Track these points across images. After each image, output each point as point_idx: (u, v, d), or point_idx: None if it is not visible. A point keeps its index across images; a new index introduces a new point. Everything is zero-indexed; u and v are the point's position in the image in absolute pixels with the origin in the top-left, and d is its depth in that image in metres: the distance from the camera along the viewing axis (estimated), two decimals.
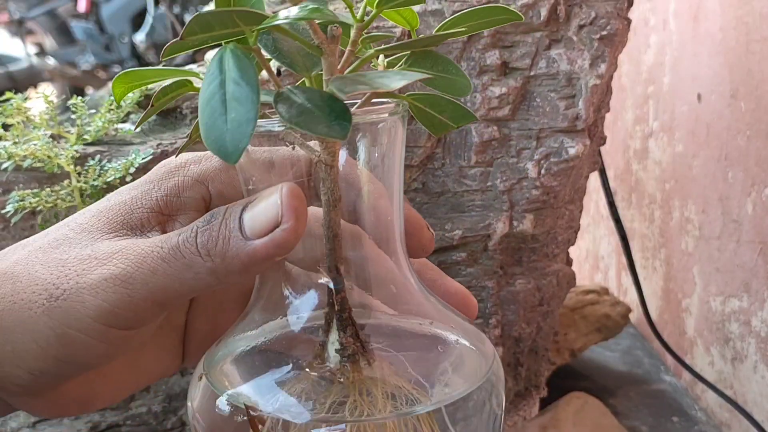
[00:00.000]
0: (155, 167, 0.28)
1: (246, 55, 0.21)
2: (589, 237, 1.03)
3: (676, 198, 0.72)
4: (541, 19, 0.45)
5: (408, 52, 0.25)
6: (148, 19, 2.48)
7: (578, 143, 0.47)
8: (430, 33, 0.45)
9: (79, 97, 0.47)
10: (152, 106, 0.25)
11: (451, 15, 0.44)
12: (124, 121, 0.49)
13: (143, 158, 0.43)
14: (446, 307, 0.28)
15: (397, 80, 0.22)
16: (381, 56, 0.27)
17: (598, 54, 0.46)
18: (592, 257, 1.02)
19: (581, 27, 0.46)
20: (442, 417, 0.24)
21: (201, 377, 0.26)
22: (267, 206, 0.24)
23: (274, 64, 0.26)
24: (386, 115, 0.25)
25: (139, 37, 2.49)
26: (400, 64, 0.27)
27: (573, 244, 0.55)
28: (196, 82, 0.25)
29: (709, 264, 0.64)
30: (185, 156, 0.28)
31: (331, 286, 0.25)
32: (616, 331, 0.72)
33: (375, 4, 0.23)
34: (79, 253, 0.25)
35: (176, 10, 2.24)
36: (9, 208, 0.42)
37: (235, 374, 0.26)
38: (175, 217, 0.27)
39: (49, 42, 2.83)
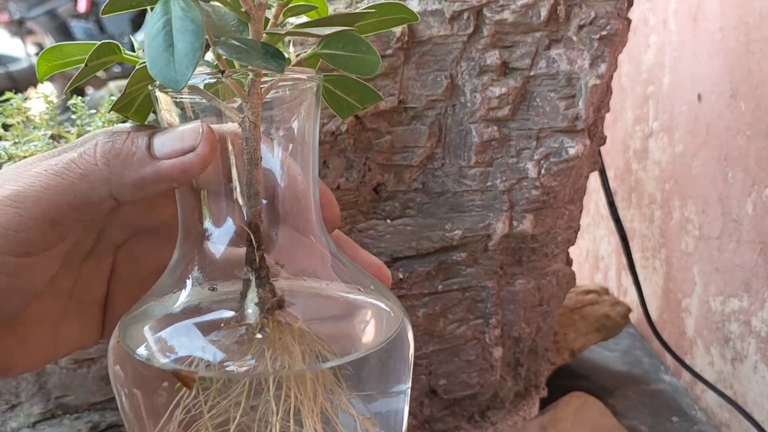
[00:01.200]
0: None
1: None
2: (589, 237, 1.03)
3: (676, 198, 0.72)
4: (541, 19, 0.45)
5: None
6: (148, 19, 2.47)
7: (578, 143, 0.47)
8: (430, 33, 0.45)
9: (79, 97, 0.47)
10: (86, 66, 0.26)
11: (451, 15, 0.45)
12: (124, 121, 0.49)
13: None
14: (362, 274, 0.29)
15: (322, 30, 0.24)
16: (293, 52, 0.28)
17: (598, 54, 0.46)
18: (592, 257, 1.02)
19: (581, 27, 0.46)
20: (350, 371, 0.26)
21: (118, 341, 0.27)
22: (184, 132, 0.25)
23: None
24: (305, 77, 0.27)
25: (140, 37, 2.48)
26: (313, 44, 0.28)
27: (573, 244, 0.55)
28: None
29: (709, 264, 0.64)
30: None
31: (253, 242, 0.26)
32: (616, 331, 0.72)
33: None
34: None
35: None
36: None
37: (153, 335, 0.26)
38: None
39: (49, 42, 2.83)
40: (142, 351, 0.26)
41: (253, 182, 0.26)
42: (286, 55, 0.25)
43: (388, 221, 0.48)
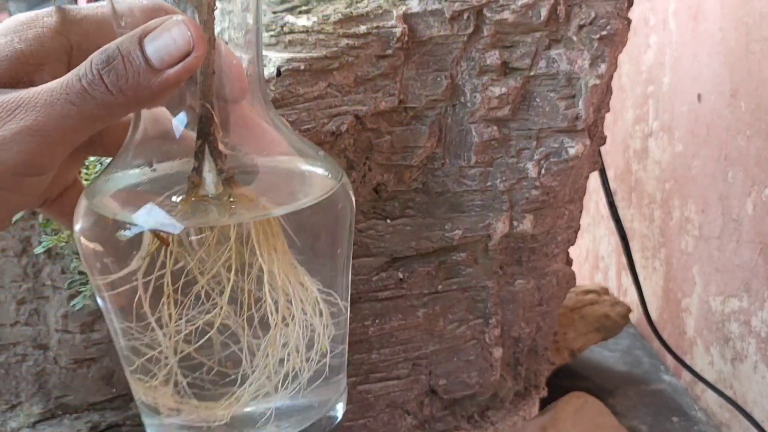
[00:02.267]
0: (2, 23, 0.29)
1: None
2: (589, 237, 1.03)
3: (676, 198, 0.72)
4: (541, 19, 0.45)
5: None
6: None
7: (578, 143, 0.47)
8: (430, 33, 0.45)
9: None
10: None
11: (451, 15, 0.45)
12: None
13: None
14: (304, 143, 0.32)
15: None
16: None
17: (598, 54, 0.46)
18: (592, 257, 1.02)
19: (581, 27, 0.46)
20: (291, 223, 0.29)
21: (84, 206, 0.29)
22: (175, 37, 0.26)
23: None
24: None
25: None
26: None
27: (573, 244, 0.55)
28: None
29: (709, 264, 0.64)
30: (32, 12, 0.29)
31: (205, 117, 0.28)
32: (616, 331, 0.72)
33: None
34: None
35: None
36: None
37: (119, 201, 0.29)
38: (40, 67, 0.28)
39: None
40: (113, 214, 0.28)
41: (208, 63, 0.27)
42: None
43: (388, 221, 0.48)
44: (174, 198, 0.28)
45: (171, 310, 0.28)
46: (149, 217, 0.27)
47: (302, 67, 0.42)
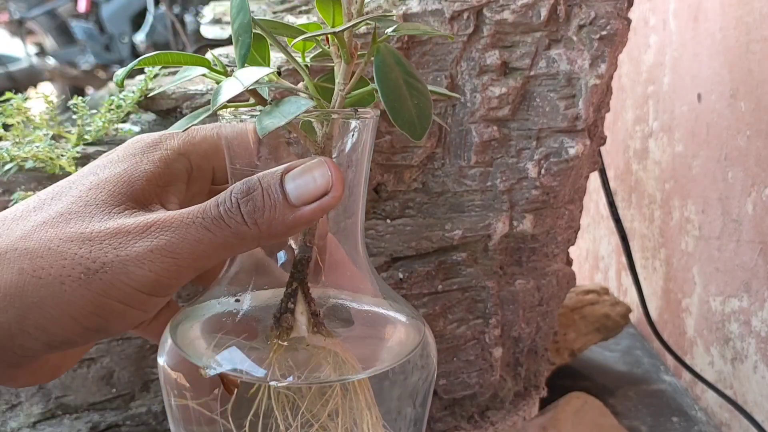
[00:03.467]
0: (128, 142, 0.30)
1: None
2: (589, 237, 1.03)
3: (676, 198, 0.72)
4: (541, 19, 0.45)
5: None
6: (149, 19, 2.47)
7: (578, 143, 0.47)
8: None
9: (80, 98, 0.47)
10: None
11: (451, 15, 0.45)
12: (124, 121, 0.49)
13: None
14: (391, 292, 0.31)
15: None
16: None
17: (598, 54, 0.46)
18: (592, 257, 1.02)
19: (581, 27, 0.46)
20: (375, 382, 0.28)
21: (169, 341, 0.28)
22: (315, 176, 0.26)
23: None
24: (370, 114, 0.28)
25: (140, 37, 2.48)
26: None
27: (573, 244, 0.55)
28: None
29: (709, 264, 0.64)
30: (157, 133, 0.30)
31: (299, 256, 0.28)
32: (616, 331, 0.72)
33: None
34: (103, 227, 0.26)
35: (176, 10, 2.24)
36: None
37: (202, 339, 0.28)
38: (167, 189, 0.29)
39: (49, 42, 2.83)
40: (195, 356, 0.27)
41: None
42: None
43: (388, 221, 0.48)
44: (262, 339, 0.27)
45: None
46: (232, 360, 0.27)
47: None
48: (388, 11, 0.45)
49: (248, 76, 0.25)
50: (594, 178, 0.68)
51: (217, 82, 0.27)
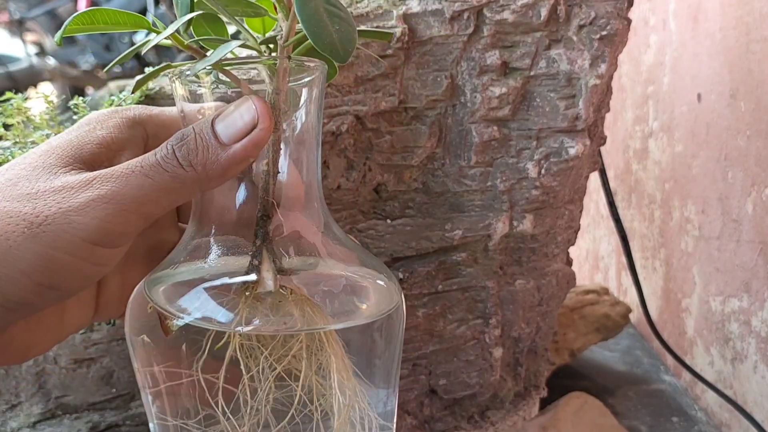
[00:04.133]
0: (87, 116, 0.31)
1: None
2: (589, 237, 1.03)
3: (675, 198, 0.72)
4: (541, 19, 0.45)
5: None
6: (149, 19, 2.48)
7: (578, 143, 0.47)
8: (431, 33, 0.45)
9: (80, 98, 0.47)
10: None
11: (451, 15, 0.45)
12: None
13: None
14: (363, 252, 0.32)
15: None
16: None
17: (598, 54, 0.46)
18: (592, 257, 1.02)
19: (581, 27, 0.46)
20: (346, 337, 0.29)
21: (150, 306, 0.29)
22: (242, 113, 0.27)
23: None
24: (313, 64, 0.29)
25: (140, 37, 2.49)
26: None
27: (573, 244, 0.55)
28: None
29: (709, 264, 0.64)
30: (114, 108, 0.31)
31: (260, 213, 0.29)
32: (616, 331, 0.72)
33: None
34: (47, 186, 0.27)
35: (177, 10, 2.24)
36: None
37: (175, 295, 0.29)
38: (120, 153, 0.30)
39: (49, 42, 2.83)
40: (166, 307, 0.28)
41: (272, 163, 0.28)
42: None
43: (388, 221, 0.48)
44: (229, 293, 0.28)
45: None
46: (201, 307, 0.28)
47: None
48: (388, 11, 0.45)
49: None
50: (594, 178, 0.68)
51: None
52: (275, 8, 0.29)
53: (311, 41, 0.25)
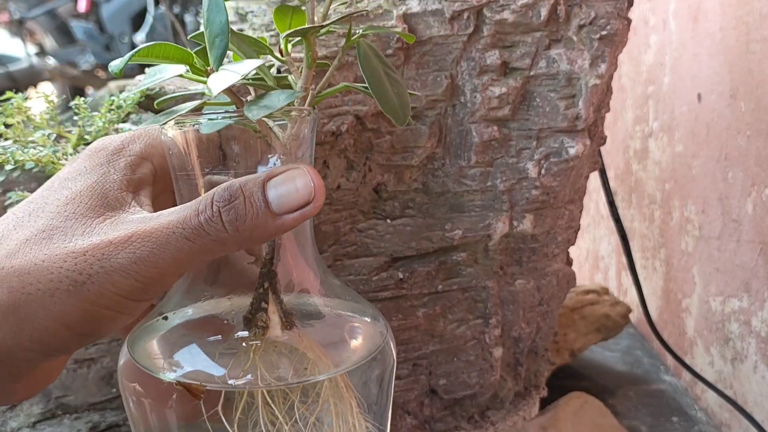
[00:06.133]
0: (90, 150, 0.31)
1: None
2: (589, 237, 1.03)
3: (676, 198, 0.72)
4: (541, 19, 0.45)
5: None
6: (149, 19, 2.48)
7: (578, 143, 0.47)
8: (430, 33, 0.45)
9: (81, 98, 0.47)
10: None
11: (451, 15, 0.45)
12: (124, 121, 0.49)
13: None
14: (346, 290, 0.32)
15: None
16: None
17: (598, 54, 0.46)
18: (592, 257, 1.02)
19: (581, 27, 0.46)
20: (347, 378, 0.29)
21: (128, 358, 0.29)
22: (297, 186, 0.27)
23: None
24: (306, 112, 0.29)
25: (140, 37, 2.48)
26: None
27: (573, 244, 0.55)
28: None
29: (709, 264, 0.64)
30: (118, 138, 0.31)
31: (268, 255, 0.29)
32: (616, 331, 0.72)
33: None
34: (87, 242, 0.27)
35: (176, 9, 2.24)
36: None
37: (162, 350, 0.29)
38: (139, 192, 0.30)
39: (49, 42, 2.83)
40: (151, 365, 0.28)
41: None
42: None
43: (388, 221, 0.48)
44: (220, 347, 0.28)
45: None
46: (182, 367, 0.27)
47: None
48: (388, 11, 0.45)
49: (241, 67, 0.25)
50: (594, 178, 0.68)
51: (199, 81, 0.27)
52: (281, 52, 0.29)
53: (378, 102, 0.27)
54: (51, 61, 2.83)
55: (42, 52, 2.89)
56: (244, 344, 0.27)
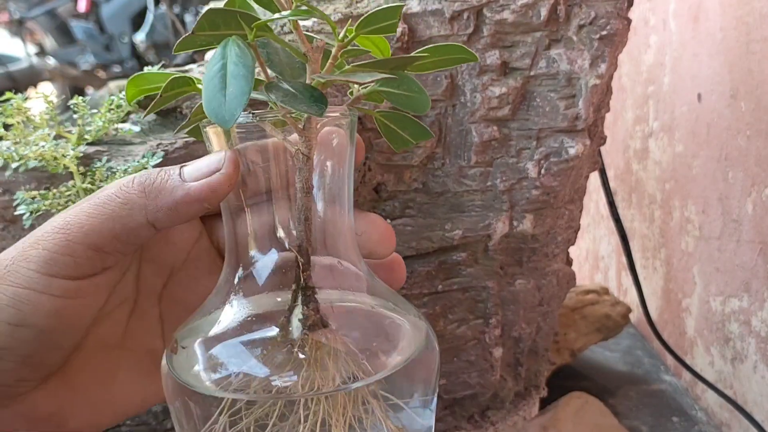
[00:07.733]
0: (103, 196, 0.30)
1: (246, 45, 0.25)
2: (589, 237, 1.03)
3: (676, 198, 0.72)
4: (541, 19, 0.45)
5: (380, 71, 0.29)
6: (149, 19, 2.47)
7: (578, 143, 0.47)
8: (430, 33, 0.45)
9: (81, 97, 0.47)
10: (161, 96, 0.28)
11: (451, 15, 0.45)
12: (124, 121, 0.49)
13: (157, 161, 0.43)
14: (390, 292, 0.31)
15: (365, 77, 0.27)
16: (356, 86, 0.31)
17: (598, 54, 0.46)
18: (592, 257, 1.02)
19: (581, 27, 0.46)
20: (383, 385, 0.28)
21: (171, 356, 0.28)
22: (209, 158, 0.28)
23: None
24: (339, 113, 0.29)
25: (140, 37, 2.48)
26: (371, 85, 0.31)
27: (573, 244, 0.55)
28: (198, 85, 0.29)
29: (709, 264, 0.64)
30: (124, 193, 0.29)
31: (300, 262, 0.28)
32: (616, 331, 0.72)
33: (354, 30, 0.28)
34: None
35: (177, 9, 2.24)
36: (22, 210, 0.42)
37: (203, 353, 0.28)
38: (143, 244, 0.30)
39: (49, 42, 2.83)
40: (194, 370, 0.27)
41: (304, 208, 0.28)
42: (352, 87, 0.29)
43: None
44: (258, 350, 0.27)
45: None
46: (224, 369, 0.27)
47: None
48: None
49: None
50: (594, 178, 0.68)
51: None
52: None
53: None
54: (51, 61, 2.83)
55: (42, 52, 2.89)
56: (276, 348, 0.27)
